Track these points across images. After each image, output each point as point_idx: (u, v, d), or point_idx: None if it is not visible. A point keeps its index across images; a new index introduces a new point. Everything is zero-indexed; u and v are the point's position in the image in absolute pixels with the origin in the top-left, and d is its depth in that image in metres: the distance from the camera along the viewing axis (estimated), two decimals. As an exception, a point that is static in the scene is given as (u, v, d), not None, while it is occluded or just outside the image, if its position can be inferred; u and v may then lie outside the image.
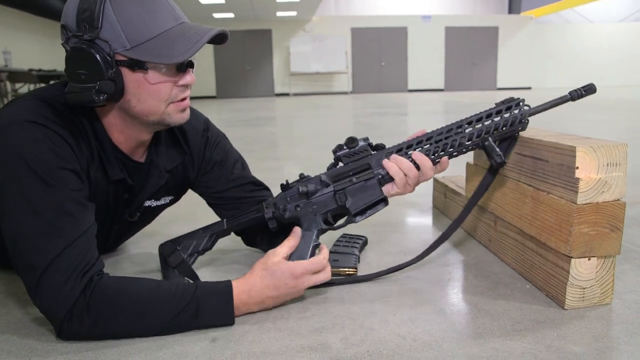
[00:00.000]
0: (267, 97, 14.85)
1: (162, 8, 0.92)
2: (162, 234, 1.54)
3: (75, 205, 0.91)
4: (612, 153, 0.97)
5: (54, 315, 0.88)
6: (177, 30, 0.92)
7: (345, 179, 1.11)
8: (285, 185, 1.14)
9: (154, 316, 0.91)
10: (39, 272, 0.86)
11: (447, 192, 1.69)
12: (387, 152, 1.11)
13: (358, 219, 1.11)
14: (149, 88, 0.94)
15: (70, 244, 0.88)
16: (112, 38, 0.88)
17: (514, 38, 15.76)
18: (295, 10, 13.41)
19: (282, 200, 1.13)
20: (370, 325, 0.97)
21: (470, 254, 1.35)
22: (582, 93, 1.06)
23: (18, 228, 0.87)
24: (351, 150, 1.12)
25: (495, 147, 1.09)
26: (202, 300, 0.94)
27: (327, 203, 1.12)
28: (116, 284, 0.92)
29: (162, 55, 0.89)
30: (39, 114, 0.90)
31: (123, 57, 0.90)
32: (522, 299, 1.06)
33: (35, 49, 10.62)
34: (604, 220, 0.97)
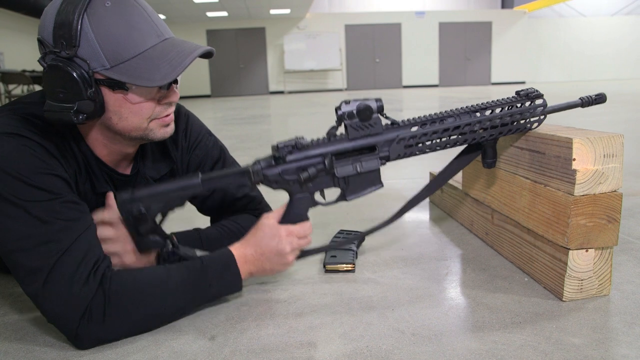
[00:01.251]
0: (262, 95, 14.82)
1: (143, 24, 0.88)
2: (168, 228, 1.54)
3: (69, 206, 0.88)
4: (609, 144, 0.97)
5: (67, 321, 0.85)
6: (160, 49, 0.88)
7: (348, 158, 1.01)
8: (278, 156, 0.99)
9: (175, 296, 0.94)
10: (42, 279, 0.83)
11: (443, 187, 1.69)
12: (398, 137, 1.01)
13: (351, 198, 1.05)
14: (130, 107, 0.91)
15: (70, 246, 0.85)
16: (90, 57, 0.84)
17: (507, 33, 15.77)
18: (289, 7, 13.37)
19: (275, 175, 1.00)
20: (369, 320, 0.97)
21: (467, 248, 1.35)
22: (592, 100, 1.08)
23: (13, 238, 0.84)
24: (362, 122, 0.98)
25: (495, 150, 1.09)
26: (211, 273, 0.98)
27: (324, 183, 1.04)
28: (129, 272, 0.92)
29: (143, 78, 0.85)
30: (20, 127, 0.87)
31: (102, 77, 0.87)
32: (521, 292, 1.06)
33: (28, 50, 10.55)
34: (601, 211, 0.97)
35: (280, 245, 1.02)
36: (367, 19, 15.24)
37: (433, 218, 1.67)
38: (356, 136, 0.99)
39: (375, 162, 1.02)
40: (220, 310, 1.04)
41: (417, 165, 2.68)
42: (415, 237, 1.46)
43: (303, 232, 1.05)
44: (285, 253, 1.03)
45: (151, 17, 0.90)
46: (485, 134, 1.05)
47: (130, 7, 0.87)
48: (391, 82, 15.51)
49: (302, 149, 0.99)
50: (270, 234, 1.02)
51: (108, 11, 0.85)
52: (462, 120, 1.03)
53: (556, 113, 1.10)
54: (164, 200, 0.96)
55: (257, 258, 1.03)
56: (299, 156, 0.99)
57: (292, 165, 0.99)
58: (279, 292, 1.12)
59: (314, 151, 1.00)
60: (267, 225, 1.03)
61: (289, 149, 0.99)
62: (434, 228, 1.55)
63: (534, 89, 1.05)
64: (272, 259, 1.03)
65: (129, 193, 0.95)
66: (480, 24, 15.66)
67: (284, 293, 1.11)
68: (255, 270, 1.04)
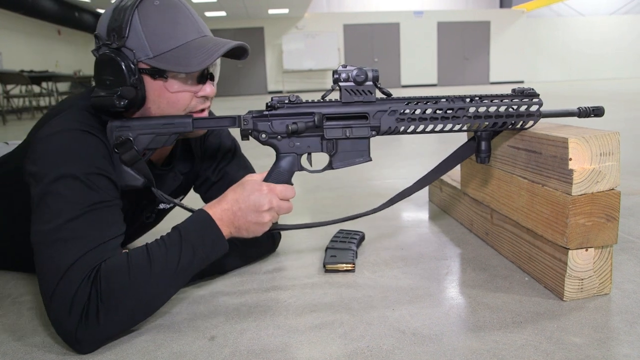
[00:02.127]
0: (260, 94, 14.81)
1: (185, 21, 0.96)
2: None
3: (108, 210, 0.92)
4: (605, 142, 0.97)
5: (65, 324, 0.84)
6: (198, 42, 0.96)
7: (339, 121, 1.03)
8: (270, 105, 1.02)
9: (163, 276, 0.89)
10: (55, 283, 0.84)
11: (442, 186, 1.69)
12: (390, 109, 1.02)
13: (338, 166, 1.06)
14: (168, 96, 0.97)
15: (91, 249, 0.86)
16: (136, 47, 0.93)
17: (506, 32, 15.78)
18: (287, 7, 13.36)
19: (264, 125, 1.02)
20: (369, 320, 0.97)
21: (467, 247, 1.35)
22: (590, 112, 1.09)
23: (47, 230, 0.86)
24: (357, 86, 1.01)
25: (490, 145, 1.09)
26: (192, 240, 0.93)
27: (312, 145, 1.04)
28: (114, 264, 0.88)
29: (181, 65, 0.93)
30: (84, 122, 0.95)
31: (146, 65, 0.94)
32: (521, 292, 1.06)
33: (27, 50, 10.53)
34: (599, 210, 0.97)
35: (259, 200, 0.97)
36: (366, 19, 15.24)
37: (432, 217, 1.67)
38: (349, 100, 1.02)
39: (366, 131, 1.03)
40: (220, 310, 1.04)
41: (415, 165, 2.68)
42: (415, 237, 1.46)
43: (285, 193, 1.01)
44: (263, 210, 0.97)
45: (193, 16, 0.99)
46: (479, 123, 1.05)
47: (175, 6, 0.97)
48: (390, 82, 15.50)
49: (295, 104, 1.02)
50: (250, 188, 0.99)
51: (156, 8, 0.94)
52: (456, 104, 1.03)
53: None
54: (153, 133, 0.99)
55: (233, 212, 0.97)
56: (291, 110, 1.02)
57: (283, 118, 1.02)
58: (278, 292, 1.12)
59: (306, 109, 1.02)
60: (249, 181, 1.00)
61: (282, 103, 1.02)
62: (434, 227, 1.55)
63: (530, 88, 1.06)
64: (247, 215, 0.97)
65: (120, 121, 0.98)
66: (478, 23, 15.67)
67: (283, 293, 1.11)
68: (231, 228, 0.98)
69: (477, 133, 1.08)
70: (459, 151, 1.15)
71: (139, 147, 0.98)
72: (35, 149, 0.92)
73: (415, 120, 1.03)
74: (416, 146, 3.36)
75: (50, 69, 10.67)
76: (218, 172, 1.28)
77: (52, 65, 11.21)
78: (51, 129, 0.93)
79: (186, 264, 0.92)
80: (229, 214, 0.97)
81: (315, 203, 1.95)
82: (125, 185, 0.99)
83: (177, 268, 0.91)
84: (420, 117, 1.03)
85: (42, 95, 9.00)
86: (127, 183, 0.99)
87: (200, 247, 0.93)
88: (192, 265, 0.93)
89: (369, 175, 2.41)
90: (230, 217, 0.97)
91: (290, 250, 1.38)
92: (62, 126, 0.93)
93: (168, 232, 0.95)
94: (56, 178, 0.88)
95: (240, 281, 1.19)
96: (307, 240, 1.44)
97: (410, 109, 1.03)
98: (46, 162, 0.90)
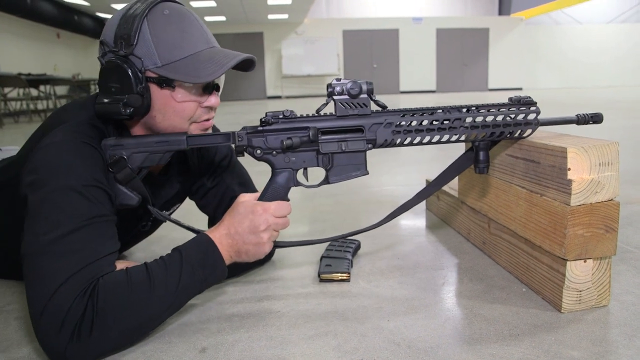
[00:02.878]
0: (260, 99, 14.82)
1: (195, 31, 0.96)
2: (168, 238, 1.54)
3: (106, 225, 0.90)
4: (604, 152, 0.96)
5: (55, 343, 0.80)
6: (207, 53, 0.95)
7: (334, 135, 1.02)
8: (264, 121, 1.00)
9: (161, 296, 0.87)
10: (47, 297, 0.80)
11: (440, 195, 1.68)
12: (385, 121, 1.01)
13: (334, 180, 1.04)
14: (174, 106, 0.96)
15: (87, 264, 0.83)
16: (145, 55, 0.92)
17: (504, 39, 15.83)
18: (287, 13, 13.38)
19: (259, 141, 1.01)
20: (363, 332, 0.95)
21: (464, 257, 1.33)
22: (589, 118, 1.08)
23: (43, 242, 0.83)
24: (352, 99, 1.00)
25: (488, 155, 1.07)
26: (192, 262, 0.91)
27: (307, 160, 1.03)
28: (112, 274, 0.87)
29: (190, 75, 0.92)
30: (84, 134, 0.93)
31: (153, 74, 0.93)
32: (518, 303, 1.04)
33: (24, 53, 10.51)
34: (598, 221, 0.96)
35: (254, 221, 0.96)
36: (365, 25, 15.28)
37: (429, 226, 1.65)
38: (344, 114, 1.00)
39: (361, 144, 1.02)
40: (212, 320, 1.02)
41: (413, 172, 2.67)
42: (412, 246, 1.45)
43: (280, 211, 0.99)
44: (259, 230, 0.96)
45: (202, 27, 0.98)
46: (476, 133, 1.03)
47: (185, 16, 0.96)
48: (389, 88, 15.53)
49: (289, 119, 1.01)
50: (244, 210, 0.98)
51: (165, 17, 0.93)
52: (452, 114, 1.02)
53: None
54: (147, 151, 0.98)
55: (231, 236, 0.96)
56: (285, 125, 1.00)
57: (278, 133, 1.01)
58: (272, 301, 1.10)
59: (301, 123, 1.01)
60: (242, 203, 1.00)
61: (277, 118, 1.00)
62: (431, 236, 1.53)
63: (527, 96, 1.04)
64: (246, 238, 0.96)
65: (113, 139, 0.97)
66: (477, 30, 15.72)
67: (277, 303, 1.09)
68: (231, 251, 0.97)
69: (475, 143, 1.06)
70: (458, 162, 1.14)
71: (133, 166, 0.97)
72: (33, 159, 0.90)
73: (411, 132, 1.02)
74: (414, 152, 3.35)
75: (48, 72, 10.66)
76: (214, 179, 1.27)
77: (50, 68, 11.20)
78: (51, 139, 0.91)
79: (186, 285, 0.90)
80: (227, 238, 0.97)
81: (313, 210, 1.93)
82: (120, 205, 0.98)
83: (177, 289, 0.89)
84: (416, 129, 1.02)
85: (39, 98, 9.00)
86: (122, 202, 0.98)
87: (200, 269, 0.92)
88: (192, 287, 0.92)
89: (367, 182, 2.40)
90: (228, 242, 0.97)
91: (285, 259, 1.36)
92: (62, 137, 0.91)
93: (168, 253, 0.93)
94: (54, 189, 0.86)
95: (234, 290, 1.17)
96: (302, 249, 1.42)
97: (406, 120, 1.02)
98: (45, 172, 0.88)
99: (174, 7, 0.97)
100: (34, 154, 0.90)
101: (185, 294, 0.91)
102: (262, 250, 0.99)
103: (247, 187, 1.29)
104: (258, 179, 1.36)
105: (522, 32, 15.89)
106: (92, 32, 12.59)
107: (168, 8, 0.95)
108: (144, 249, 1.48)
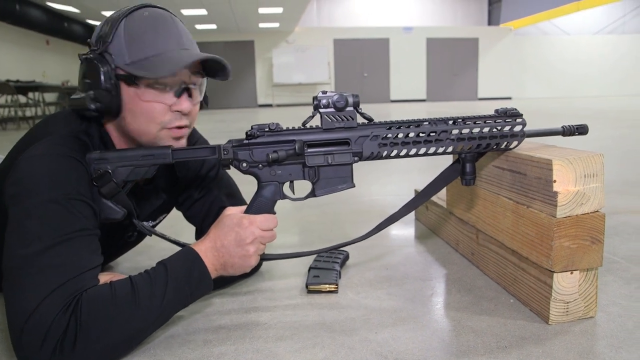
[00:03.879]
0: (250, 107, 14.82)
1: (168, 32, 0.95)
2: (155, 248, 1.52)
3: (89, 238, 0.88)
4: (589, 164, 0.96)
5: (37, 359, 0.78)
6: (175, 53, 0.94)
7: (320, 148, 1.02)
8: (250, 134, 1.00)
9: (146, 310, 0.85)
10: (28, 312, 0.78)
11: (428, 205, 1.68)
12: (372, 134, 1.02)
13: (320, 193, 1.04)
14: (142, 106, 0.95)
15: (70, 279, 0.82)
16: (117, 52, 0.93)
17: (493, 49, 16.02)
18: (278, 21, 13.43)
19: (245, 154, 1.01)
20: (351, 344, 0.94)
21: (453, 268, 1.33)
22: (574, 130, 1.09)
23: (24, 255, 0.81)
24: (338, 112, 1.00)
25: (474, 167, 1.08)
26: (177, 275, 0.91)
27: (293, 173, 1.03)
28: (96, 288, 0.85)
29: (150, 71, 0.91)
30: (68, 147, 0.92)
31: (122, 71, 0.93)
32: (506, 314, 1.04)
33: (13, 60, 10.42)
34: (584, 232, 0.96)
35: (240, 234, 0.96)
36: (356, 34, 15.38)
37: (418, 236, 1.65)
38: (330, 127, 1.01)
39: (348, 157, 1.02)
40: (198, 332, 1.00)
41: (402, 182, 2.68)
42: (400, 256, 1.44)
43: (266, 224, 0.99)
44: (246, 243, 0.96)
45: (178, 30, 0.97)
46: (463, 145, 1.04)
47: (162, 18, 0.96)
48: (379, 97, 15.61)
49: (275, 132, 1.00)
50: (230, 223, 0.98)
51: (142, 18, 0.95)
52: (439, 126, 1.02)
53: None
54: (131, 165, 0.97)
55: (216, 249, 0.96)
56: (271, 139, 1.00)
57: (263, 147, 1.00)
58: (259, 313, 1.09)
59: (287, 137, 1.00)
60: (228, 216, 0.99)
61: (263, 131, 1.00)
62: (419, 246, 1.53)
63: (513, 108, 1.05)
64: (232, 251, 0.96)
65: (98, 153, 0.96)
66: (467, 40, 15.89)
67: (264, 315, 1.08)
68: (217, 265, 0.96)
69: (462, 155, 1.07)
70: (444, 174, 1.14)
71: (118, 179, 0.96)
72: (17, 170, 0.88)
73: (398, 145, 1.02)
74: (404, 162, 3.36)
75: (37, 79, 10.57)
76: (202, 190, 1.26)
77: (39, 75, 11.11)
78: (35, 152, 0.90)
79: (171, 299, 0.89)
80: (212, 251, 0.96)
81: (301, 220, 1.93)
82: (105, 218, 0.96)
83: (163, 303, 0.88)
84: (403, 142, 1.02)
85: (28, 105, 8.91)
86: (107, 216, 0.96)
87: (185, 283, 0.91)
88: (177, 301, 0.91)
89: (356, 192, 2.40)
90: (214, 255, 0.96)
91: (273, 270, 1.35)
92: (46, 150, 0.90)
93: (153, 267, 0.92)
94: (37, 202, 0.85)
95: (221, 302, 1.16)
96: (290, 260, 1.41)
97: (393, 133, 1.02)
98: (28, 185, 0.86)
99: (155, 10, 0.97)
100: (17, 165, 0.89)
101: (171, 308, 0.90)
102: (248, 263, 0.98)
103: (235, 198, 1.29)
104: (248, 189, 1.35)
105: (511, 42, 16.10)
106: (82, 39, 12.43)
107: (149, 11, 0.96)
108: (131, 259, 1.47)
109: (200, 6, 10.89)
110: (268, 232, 1.00)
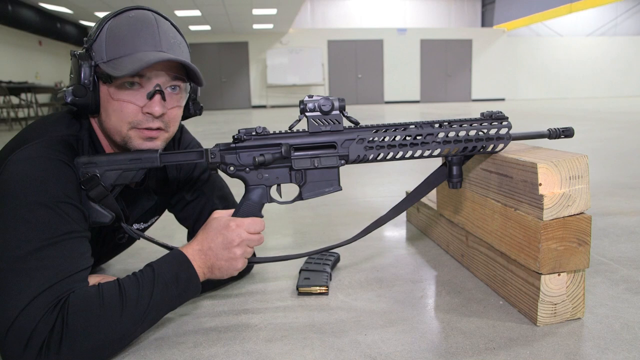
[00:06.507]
0: (244, 109, 14.80)
1: (147, 34, 0.96)
2: (147, 250, 1.52)
3: (78, 241, 0.88)
4: (574, 166, 0.98)
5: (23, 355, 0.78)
6: (148, 53, 0.94)
7: (307, 151, 1.02)
8: (237, 137, 1.01)
9: (134, 312, 0.86)
10: (14, 315, 0.78)
11: (419, 207, 1.69)
12: (358, 137, 1.02)
13: (307, 196, 1.05)
14: (113, 104, 0.96)
15: (58, 281, 0.82)
16: (97, 50, 0.95)
17: (487, 50, 16.09)
18: (272, 22, 13.43)
19: (232, 158, 1.02)
20: (341, 346, 0.95)
21: (443, 270, 1.34)
22: (560, 132, 1.10)
23: (11, 258, 0.81)
24: (324, 116, 1.01)
25: (461, 170, 1.09)
26: (166, 278, 0.91)
27: (280, 176, 1.04)
28: (83, 290, 0.85)
29: (116, 70, 0.91)
30: (57, 150, 0.93)
31: (100, 69, 0.95)
32: (495, 316, 1.05)
33: (6, 60, 10.36)
34: (571, 235, 0.97)
35: (227, 237, 0.96)
36: (350, 35, 15.39)
37: (409, 237, 1.66)
38: (316, 130, 1.01)
39: (334, 160, 1.03)
40: (188, 334, 1.01)
41: (394, 184, 2.68)
42: (391, 258, 1.45)
43: (254, 227, 1.00)
44: (232, 246, 0.97)
45: (159, 34, 0.97)
46: (449, 148, 1.05)
47: (145, 20, 0.97)
48: (373, 98, 15.64)
49: (262, 136, 1.01)
50: (217, 226, 0.98)
51: (126, 19, 0.96)
52: (425, 129, 1.03)
53: (537, 129, 1.11)
54: (120, 169, 0.98)
55: (204, 252, 0.96)
56: (258, 142, 1.01)
57: (250, 150, 1.01)
58: (250, 315, 1.09)
59: (274, 140, 1.01)
60: (215, 219, 1.00)
61: (249, 135, 1.01)
62: (410, 248, 1.54)
63: (498, 111, 1.06)
64: (219, 254, 0.96)
65: (86, 157, 0.96)
66: (460, 41, 15.95)
67: (255, 317, 1.08)
68: (204, 267, 0.97)
69: (448, 158, 1.08)
70: (431, 177, 1.15)
71: (106, 183, 0.97)
72: (4, 173, 0.88)
73: (384, 148, 1.03)
74: (397, 163, 3.37)
75: (30, 80, 10.52)
76: (194, 192, 1.26)
77: (32, 76, 11.05)
78: (23, 154, 0.90)
79: (159, 301, 0.89)
80: (200, 254, 0.97)
81: (293, 222, 1.93)
82: (94, 222, 0.97)
83: (150, 305, 0.88)
84: (389, 144, 1.03)
85: (20, 106, 8.86)
86: (95, 220, 0.97)
87: (173, 285, 0.92)
88: (165, 304, 0.91)
89: (348, 193, 2.40)
90: (202, 257, 0.97)
91: (264, 272, 1.36)
92: (34, 153, 0.90)
93: (141, 269, 0.92)
94: (25, 204, 0.85)
95: (211, 304, 1.16)
96: (281, 262, 1.42)
97: (379, 136, 1.03)
98: (15, 187, 0.86)
99: (143, 12, 0.98)
100: (5, 167, 0.89)
101: (158, 310, 0.90)
102: (235, 266, 0.98)
103: (227, 200, 1.29)
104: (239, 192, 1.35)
105: (505, 43, 16.18)
106: (75, 39, 12.47)
107: (136, 13, 0.97)
108: (123, 261, 1.46)
109: (194, 7, 10.87)
110: (255, 235, 1.00)
